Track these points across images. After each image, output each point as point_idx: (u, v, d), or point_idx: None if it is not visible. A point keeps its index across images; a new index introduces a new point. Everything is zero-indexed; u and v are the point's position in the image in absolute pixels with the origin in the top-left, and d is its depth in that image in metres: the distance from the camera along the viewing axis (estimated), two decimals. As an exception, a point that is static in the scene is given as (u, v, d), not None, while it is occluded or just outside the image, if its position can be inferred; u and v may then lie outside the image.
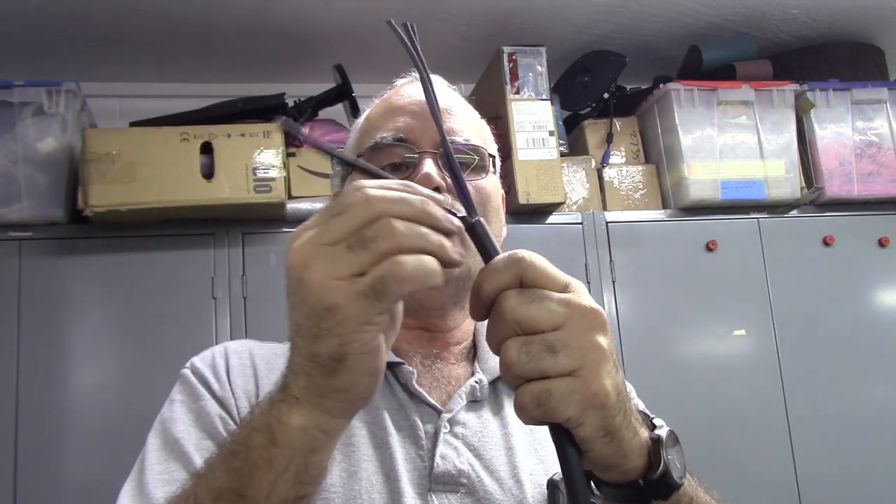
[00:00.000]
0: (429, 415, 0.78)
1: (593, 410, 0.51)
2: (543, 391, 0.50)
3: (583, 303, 0.52)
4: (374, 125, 0.86)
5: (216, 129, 1.79)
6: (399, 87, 0.90)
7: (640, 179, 2.12)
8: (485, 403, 0.81)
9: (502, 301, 0.51)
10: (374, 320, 0.48)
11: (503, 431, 0.80)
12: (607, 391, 0.51)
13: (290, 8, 2.02)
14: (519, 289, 0.52)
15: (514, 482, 0.76)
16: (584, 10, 2.15)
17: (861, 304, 2.09)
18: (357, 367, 0.49)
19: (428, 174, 0.78)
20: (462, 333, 0.86)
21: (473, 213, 0.55)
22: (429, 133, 0.82)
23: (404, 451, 0.75)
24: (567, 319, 0.51)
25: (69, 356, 1.74)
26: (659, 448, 0.56)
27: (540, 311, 0.51)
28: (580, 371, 0.50)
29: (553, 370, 0.50)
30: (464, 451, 0.76)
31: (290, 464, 0.52)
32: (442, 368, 0.83)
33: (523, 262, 0.52)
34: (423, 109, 0.83)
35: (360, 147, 0.86)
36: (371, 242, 0.47)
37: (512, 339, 0.51)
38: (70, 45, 2.09)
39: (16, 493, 1.64)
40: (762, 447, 1.94)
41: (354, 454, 0.74)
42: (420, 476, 0.74)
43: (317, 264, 0.48)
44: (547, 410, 0.50)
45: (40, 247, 1.77)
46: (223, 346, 0.84)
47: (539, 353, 0.50)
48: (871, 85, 2.20)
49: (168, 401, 0.79)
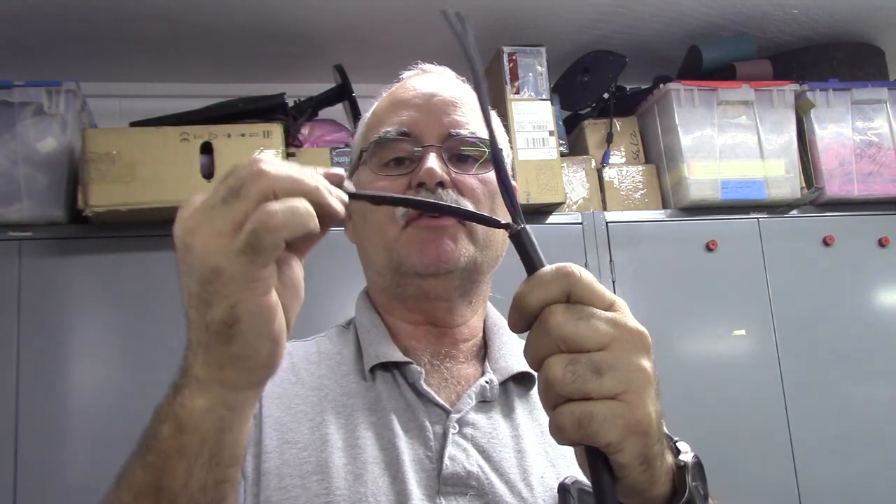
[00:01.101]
0: (437, 415, 0.77)
1: (635, 437, 0.49)
2: (586, 413, 0.48)
3: (629, 324, 0.50)
4: (380, 119, 0.86)
5: (216, 129, 1.79)
6: (405, 81, 0.89)
7: (640, 179, 2.13)
8: (495, 404, 0.80)
9: (548, 316, 0.49)
10: (258, 276, 0.46)
11: (513, 433, 0.79)
12: (650, 418, 0.50)
13: (290, 8, 2.01)
14: (566, 304, 0.50)
15: (525, 485, 0.74)
16: (584, 10, 2.14)
17: (861, 304, 2.09)
18: (250, 330, 0.48)
19: (431, 169, 0.78)
20: (470, 330, 0.85)
21: (520, 220, 0.53)
22: (433, 126, 0.81)
23: (412, 452, 0.74)
24: (613, 340, 0.49)
25: (69, 356, 1.74)
26: (684, 475, 0.55)
27: (588, 329, 0.49)
28: (625, 395, 0.49)
29: (597, 392, 0.48)
30: (473, 453, 0.75)
31: (202, 448, 0.51)
32: (451, 368, 0.82)
33: (572, 277, 0.50)
34: (428, 103, 0.83)
35: (366, 142, 0.86)
36: (241, 190, 0.46)
37: (556, 356, 0.49)
38: (70, 45, 2.09)
39: (16, 494, 1.64)
40: (762, 447, 1.94)
41: (360, 456, 0.73)
42: (428, 478, 0.73)
43: (200, 228, 0.47)
44: (588, 433, 0.48)
45: (40, 247, 1.77)
46: None
47: (585, 373, 0.48)
48: (871, 85, 2.20)
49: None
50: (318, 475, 0.71)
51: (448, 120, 0.82)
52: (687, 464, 0.56)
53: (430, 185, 0.78)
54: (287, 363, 0.81)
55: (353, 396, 0.78)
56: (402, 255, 0.79)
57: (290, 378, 0.80)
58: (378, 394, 0.78)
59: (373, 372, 0.80)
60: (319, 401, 0.78)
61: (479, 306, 0.86)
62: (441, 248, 0.77)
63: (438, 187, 0.78)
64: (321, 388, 0.79)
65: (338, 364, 0.82)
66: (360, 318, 0.87)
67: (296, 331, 0.88)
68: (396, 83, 0.91)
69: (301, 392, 0.78)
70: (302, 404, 0.77)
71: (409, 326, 0.84)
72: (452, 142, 0.82)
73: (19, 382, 1.69)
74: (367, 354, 0.81)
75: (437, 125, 0.82)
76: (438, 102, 0.84)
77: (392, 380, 0.80)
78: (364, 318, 0.86)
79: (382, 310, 0.86)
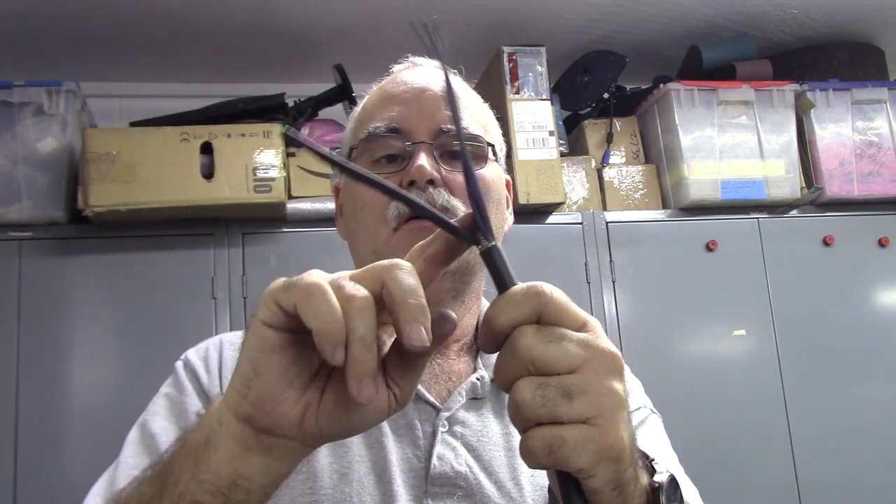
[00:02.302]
0: (427, 413, 0.75)
1: (607, 462, 0.48)
2: (556, 438, 0.46)
3: (602, 345, 0.49)
4: (370, 114, 0.83)
5: (216, 129, 1.79)
6: (395, 74, 0.87)
7: (640, 179, 2.12)
8: (486, 401, 0.78)
9: (518, 337, 0.48)
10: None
11: (504, 431, 0.77)
12: (623, 443, 0.48)
13: (290, 8, 2.02)
14: (537, 325, 0.48)
15: (514, 485, 0.73)
16: (584, 10, 2.15)
17: (861, 304, 2.09)
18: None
19: (421, 167, 0.76)
20: (462, 329, 0.83)
21: (490, 237, 0.50)
22: (424, 123, 0.79)
23: (400, 451, 0.73)
24: (585, 362, 0.47)
25: (69, 356, 1.74)
26: (659, 496, 0.54)
27: (558, 352, 0.47)
28: (596, 419, 0.47)
29: (567, 416, 0.46)
30: (462, 452, 0.74)
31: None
32: (442, 364, 0.80)
33: (543, 297, 0.48)
34: (419, 98, 0.81)
35: (356, 138, 0.83)
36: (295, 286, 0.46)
37: (525, 379, 0.47)
38: (70, 45, 2.09)
39: (16, 494, 1.64)
40: (762, 447, 1.94)
41: (346, 454, 0.72)
42: (416, 478, 0.72)
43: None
44: (559, 458, 0.47)
45: (40, 247, 1.77)
46: (219, 339, 0.82)
47: (555, 397, 0.46)
48: (871, 85, 2.20)
49: (158, 393, 0.79)
50: (303, 474, 0.70)
51: (440, 115, 0.80)
52: (661, 484, 0.54)
53: (421, 183, 0.76)
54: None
55: None
56: (391, 257, 0.77)
57: None
58: None
59: None
60: None
61: (472, 304, 0.84)
62: None
63: (429, 186, 0.76)
64: None
65: None
66: None
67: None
68: (387, 76, 0.88)
69: None
70: None
71: None
72: (444, 138, 0.80)
73: (19, 382, 1.69)
74: None
75: (429, 121, 0.79)
76: (430, 97, 0.81)
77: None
78: None
79: None
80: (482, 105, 0.88)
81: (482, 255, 0.51)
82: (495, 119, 0.91)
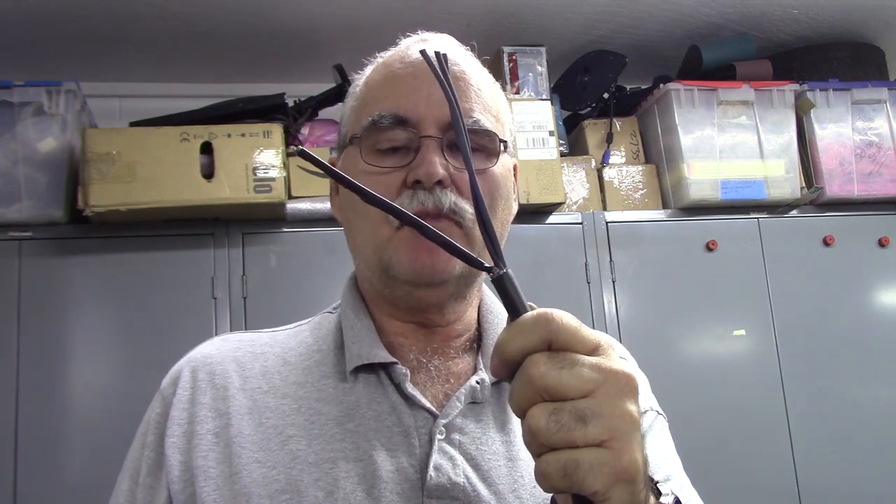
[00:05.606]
0: (423, 419, 0.71)
1: (622, 485, 0.48)
2: (571, 461, 0.46)
3: (614, 367, 0.49)
4: (373, 96, 0.77)
5: (216, 129, 1.79)
6: (403, 50, 0.79)
7: (640, 179, 2.13)
8: (486, 406, 0.74)
9: (530, 366, 0.48)
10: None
11: (504, 439, 0.72)
12: (637, 465, 0.49)
13: (290, 8, 2.02)
14: (548, 352, 0.48)
15: (515, 497, 0.69)
16: (584, 10, 2.15)
17: (861, 304, 2.09)
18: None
19: (430, 169, 0.71)
20: (464, 325, 0.79)
21: (501, 265, 0.51)
22: (433, 113, 0.72)
23: (394, 461, 0.68)
24: (597, 386, 0.48)
25: (69, 356, 1.74)
26: None
27: (571, 378, 0.47)
28: (610, 442, 0.47)
29: (582, 440, 0.47)
30: (460, 462, 0.69)
31: None
32: (440, 365, 0.76)
33: (553, 324, 0.48)
34: (428, 85, 0.73)
35: (358, 122, 0.77)
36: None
37: (539, 406, 0.47)
38: (70, 45, 2.09)
39: (16, 493, 1.64)
40: (762, 447, 1.94)
41: (332, 470, 0.68)
42: (412, 489, 0.67)
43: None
44: (574, 482, 0.47)
45: (40, 247, 1.77)
46: (191, 367, 0.77)
47: (569, 422, 0.47)
48: (871, 85, 2.20)
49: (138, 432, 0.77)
50: (287, 493, 0.67)
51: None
52: None
53: (428, 184, 0.70)
54: (259, 368, 0.76)
55: (328, 403, 0.72)
56: (393, 258, 0.72)
57: (262, 386, 0.74)
58: (357, 398, 0.72)
59: (355, 373, 0.74)
60: (291, 412, 0.72)
61: (473, 298, 0.80)
62: (436, 256, 0.70)
63: (437, 186, 0.71)
64: (294, 397, 0.73)
65: (316, 364, 0.76)
66: (345, 310, 0.79)
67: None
68: (393, 49, 0.81)
69: (272, 403, 0.73)
70: (273, 417, 0.72)
71: (398, 323, 0.77)
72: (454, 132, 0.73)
73: (19, 382, 1.69)
74: (349, 353, 0.75)
75: (438, 111, 0.72)
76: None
77: (376, 381, 0.73)
78: (349, 311, 0.79)
79: (369, 301, 0.80)
80: (493, 86, 0.81)
81: (494, 282, 0.52)
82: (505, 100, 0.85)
